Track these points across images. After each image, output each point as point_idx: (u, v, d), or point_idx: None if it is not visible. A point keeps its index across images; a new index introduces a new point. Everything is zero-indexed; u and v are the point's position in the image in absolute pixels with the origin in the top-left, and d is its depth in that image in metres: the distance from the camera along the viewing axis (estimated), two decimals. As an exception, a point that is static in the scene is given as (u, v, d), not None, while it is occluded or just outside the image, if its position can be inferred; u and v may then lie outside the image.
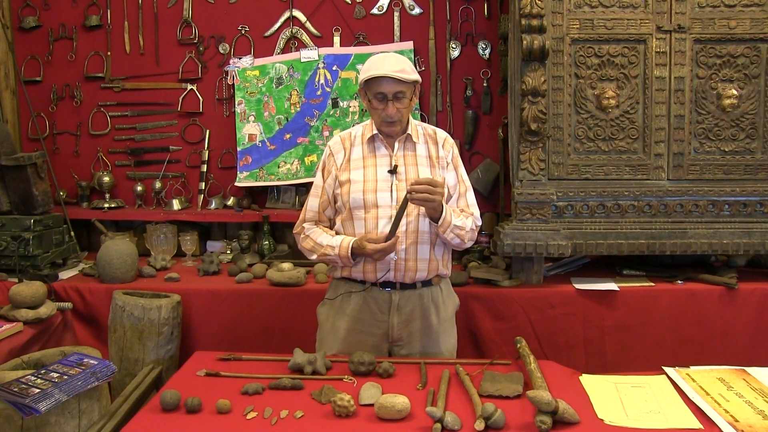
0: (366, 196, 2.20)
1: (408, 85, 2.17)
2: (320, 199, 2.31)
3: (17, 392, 1.97)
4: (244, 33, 3.80)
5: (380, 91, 2.16)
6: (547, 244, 2.88)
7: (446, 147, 2.31)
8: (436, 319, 2.29)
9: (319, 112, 3.73)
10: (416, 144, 2.28)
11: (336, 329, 2.29)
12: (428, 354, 2.27)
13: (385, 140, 2.27)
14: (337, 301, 2.30)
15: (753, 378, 1.93)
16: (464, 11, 3.71)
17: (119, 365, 2.71)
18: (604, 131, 3.03)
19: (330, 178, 2.29)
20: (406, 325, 2.26)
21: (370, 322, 2.26)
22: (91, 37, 3.83)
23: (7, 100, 3.79)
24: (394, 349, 2.29)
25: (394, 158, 2.24)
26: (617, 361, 2.80)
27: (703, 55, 3.00)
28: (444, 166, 2.28)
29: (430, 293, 2.29)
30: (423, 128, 2.34)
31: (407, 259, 2.21)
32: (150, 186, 3.81)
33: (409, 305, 2.25)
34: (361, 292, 2.25)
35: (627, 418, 1.70)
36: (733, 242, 2.92)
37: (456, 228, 2.18)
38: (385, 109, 2.17)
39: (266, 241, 3.54)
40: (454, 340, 2.39)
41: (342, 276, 2.30)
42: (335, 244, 2.20)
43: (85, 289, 3.00)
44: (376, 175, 2.22)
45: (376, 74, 2.14)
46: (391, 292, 2.25)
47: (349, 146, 2.29)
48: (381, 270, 2.22)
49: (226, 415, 1.74)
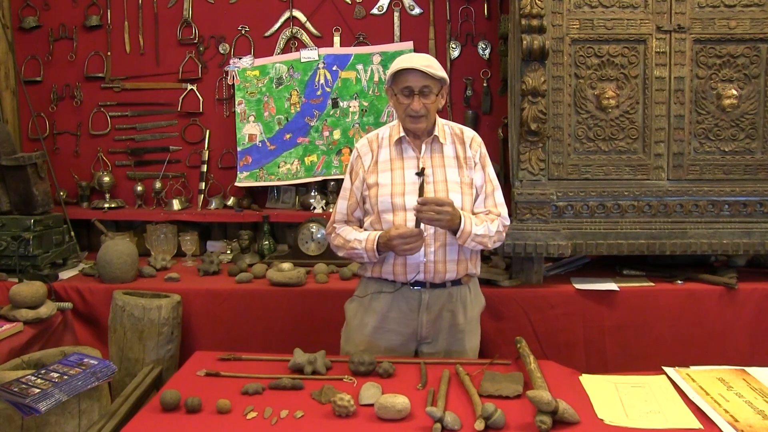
0: (394, 200, 2.20)
1: (435, 82, 2.17)
2: (348, 202, 2.31)
3: (17, 392, 1.97)
4: (244, 33, 3.80)
5: (407, 86, 2.15)
6: (547, 244, 2.88)
7: (474, 146, 2.29)
8: (463, 318, 2.29)
9: (319, 112, 3.73)
10: (443, 145, 2.26)
11: (363, 326, 2.29)
12: (453, 352, 2.27)
13: (413, 142, 2.26)
14: (366, 299, 2.30)
15: (753, 378, 1.93)
16: (464, 11, 3.71)
17: (119, 365, 2.71)
18: (604, 131, 3.03)
19: (358, 181, 2.29)
20: (434, 323, 2.26)
21: (399, 320, 2.26)
22: (91, 37, 3.83)
23: (7, 100, 3.79)
24: (421, 347, 2.29)
25: (421, 161, 2.23)
26: (617, 361, 2.80)
27: (703, 55, 3.00)
28: (472, 167, 2.27)
29: (459, 292, 2.28)
30: (450, 128, 2.32)
31: (436, 261, 2.21)
32: (150, 186, 3.81)
33: (438, 303, 2.25)
34: (392, 292, 2.25)
35: (627, 418, 1.70)
36: (733, 242, 2.92)
37: (477, 237, 2.17)
38: (411, 103, 2.16)
39: (266, 241, 3.54)
40: (478, 341, 2.39)
41: (372, 276, 2.29)
42: (362, 238, 2.20)
43: (85, 289, 3.00)
44: (403, 178, 2.21)
45: (404, 66, 2.15)
46: (421, 290, 2.24)
47: (376, 148, 2.29)
48: (411, 272, 2.21)
49: (226, 415, 1.74)
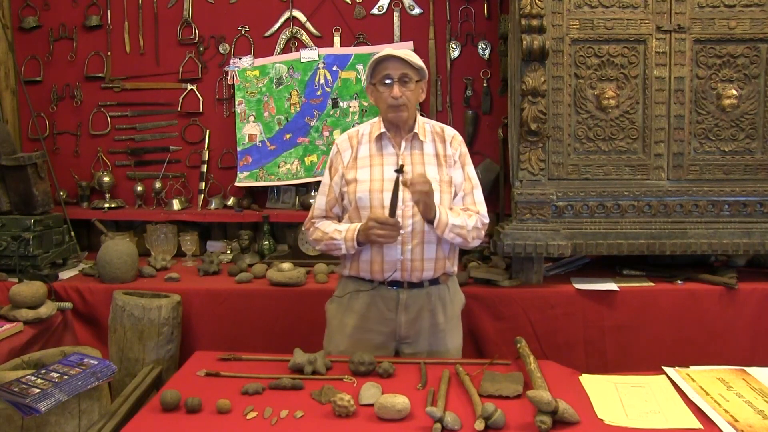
0: (372, 196, 2.19)
1: (414, 71, 2.18)
2: (327, 198, 2.31)
3: (17, 392, 1.97)
4: (244, 33, 3.80)
5: (386, 73, 2.17)
6: (547, 244, 2.88)
7: (454, 145, 2.30)
8: (443, 317, 2.29)
9: (319, 112, 3.73)
10: (423, 143, 2.27)
11: (344, 326, 2.29)
12: (435, 352, 2.27)
13: (393, 139, 2.26)
14: (345, 299, 2.30)
15: (753, 378, 1.93)
16: (464, 11, 3.71)
17: (119, 365, 2.71)
18: (604, 131, 3.03)
19: (337, 176, 2.28)
20: (414, 324, 2.26)
21: (378, 320, 2.26)
22: (91, 37, 3.83)
23: (7, 100, 3.79)
24: (401, 347, 2.29)
25: (401, 158, 2.23)
26: (617, 361, 2.80)
27: (703, 55, 3.00)
28: (451, 165, 2.27)
29: (438, 291, 2.28)
30: (431, 126, 2.33)
31: (414, 259, 2.21)
32: (150, 186, 3.81)
33: (417, 304, 2.25)
34: (369, 291, 2.25)
35: (627, 418, 1.70)
36: (733, 242, 2.92)
37: (455, 227, 2.17)
38: (391, 91, 2.17)
39: (266, 241, 3.54)
40: (460, 339, 2.39)
41: (350, 274, 2.29)
42: (342, 229, 2.21)
43: (85, 289, 3.01)
44: (382, 174, 2.22)
45: (383, 54, 2.18)
46: (398, 290, 2.24)
47: (356, 144, 2.29)
48: (388, 270, 2.21)
49: (226, 415, 1.74)
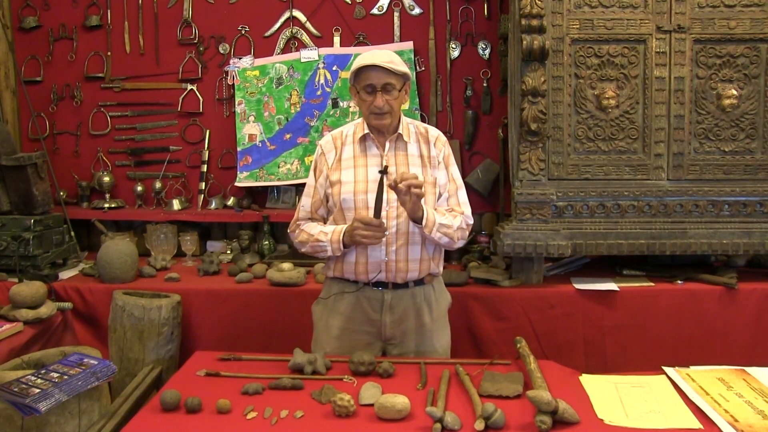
0: (356, 197, 2.19)
1: (397, 78, 2.16)
2: (312, 199, 2.31)
3: (17, 392, 1.97)
4: (244, 33, 3.80)
5: (369, 83, 2.14)
6: (547, 244, 2.88)
7: (438, 145, 2.29)
8: (429, 317, 2.29)
9: (319, 112, 3.74)
10: (407, 143, 2.26)
11: (330, 328, 2.29)
12: (422, 352, 2.26)
13: (377, 139, 2.25)
14: (330, 301, 2.30)
15: (753, 378, 1.93)
16: (464, 11, 3.71)
17: (119, 365, 2.71)
18: (604, 131, 3.03)
19: (322, 178, 2.28)
20: (399, 324, 2.26)
21: (363, 321, 2.26)
22: (91, 37, 3.83)
23: (7, 100, 3.79)
24: (388, 347, 2.29)
25: (385, 158, 2.23)
26: (617, 361, 2.80)
27: (703, 55, 3.00)
28: (435, 166, 2.26)
29: (423, 292, 2.28)
30: (415, 127, 2.32)
31: (398, 260, 2.21)
32: (150, 186, 3.81)
33: (402, 304, 2.25)
34: (354, 292, 2.25)
35: (627, 418, 1.70)
36: (733, 242, 2.92)
37: (443, 227, 2.16)
38: (374, 101, 2.15)
39: (266, 241, 3.54)
40: (448, 338, 2.38)
41: (335, 276, 2.29)
42: (328, 231, 2.20)
43: (85, 289, 3.01)
44: (366, 175, 2.21)
45: (365, 63, 2.14)
46: (383, 291, 2.24)
47: (340, 145, 2.28)
48: (372, 271, 2.21)
49: (226, 415, 1.74)
